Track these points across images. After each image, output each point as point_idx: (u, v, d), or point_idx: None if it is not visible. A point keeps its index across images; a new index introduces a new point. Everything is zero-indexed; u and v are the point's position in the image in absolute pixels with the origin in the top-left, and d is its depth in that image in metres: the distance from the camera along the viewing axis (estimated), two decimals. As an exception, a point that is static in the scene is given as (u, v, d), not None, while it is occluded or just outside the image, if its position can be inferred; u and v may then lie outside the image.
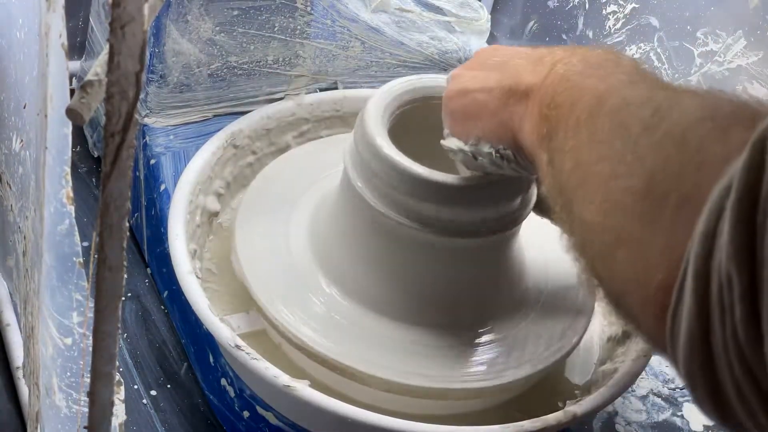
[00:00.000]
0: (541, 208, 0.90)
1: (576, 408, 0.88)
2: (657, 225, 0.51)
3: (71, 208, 0.65)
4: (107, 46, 0.43)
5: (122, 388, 0.71)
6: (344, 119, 1.13)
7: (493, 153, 0.78)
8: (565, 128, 0.64)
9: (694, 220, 0.47)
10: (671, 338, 0.49)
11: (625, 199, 0.53)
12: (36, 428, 0.77)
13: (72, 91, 0.51)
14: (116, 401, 0.58)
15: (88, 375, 0.54)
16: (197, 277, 0.94)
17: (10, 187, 0.87)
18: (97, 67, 0.45)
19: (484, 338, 0.92)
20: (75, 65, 1.24)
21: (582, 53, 0.69)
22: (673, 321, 0.49)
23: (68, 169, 0.63)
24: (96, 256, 0.49)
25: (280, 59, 1.12)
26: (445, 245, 0.88)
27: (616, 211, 0.54)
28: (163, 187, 1.07)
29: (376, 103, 0.91)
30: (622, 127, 0.57)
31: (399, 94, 0.93)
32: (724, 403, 0.47)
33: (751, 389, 0.45)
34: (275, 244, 0.96)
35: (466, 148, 0.81)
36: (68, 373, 0.71)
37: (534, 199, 0.91)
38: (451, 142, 0.83)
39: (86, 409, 0.57)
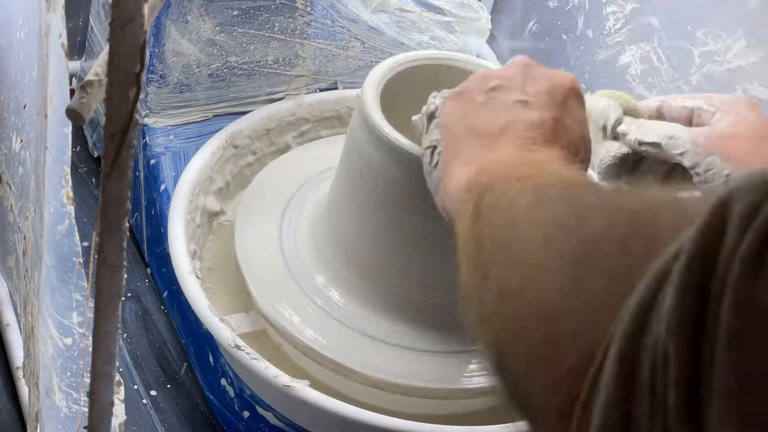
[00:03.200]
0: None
1: (576, 408, 0.88)
2: (579, 297, 0.44)
3: (71, 208, 0.65)
4: (107, 46, 0.43)
5: (122, 388, 0.71)
6: (344, 119, 1.13)
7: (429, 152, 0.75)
8: (506, 186, 0.57)
9: (623, 299, 0.39)
10: None
11: (552, 265, 0.47)
12: (36, 428, 0.77)
13: (72, 91, 0.51)
14: (116, 401, 0.58)
15: (88, 375, 0.54)
16: (197, 277, 0.94)
17: (10, 187, 0.87)
18: (97, 67, 0.45)
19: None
20: (75, 65, 1.24)
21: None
22: (583, 414, 0.40)
23: (68, 169, 0.63)
24: (96, 256, 0.49)
25: (280, 59, 1.12)
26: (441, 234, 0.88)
27: (539, 278, 0.47)
28: (163, 187, 1.07)
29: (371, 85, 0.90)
30: (575, 198, 0.51)
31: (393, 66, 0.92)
32: None
33: None
34: (275, 244, 0.96)
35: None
36: (68, 373, 0.71)
37: None
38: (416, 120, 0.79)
39: (86, 409, 0.57)
